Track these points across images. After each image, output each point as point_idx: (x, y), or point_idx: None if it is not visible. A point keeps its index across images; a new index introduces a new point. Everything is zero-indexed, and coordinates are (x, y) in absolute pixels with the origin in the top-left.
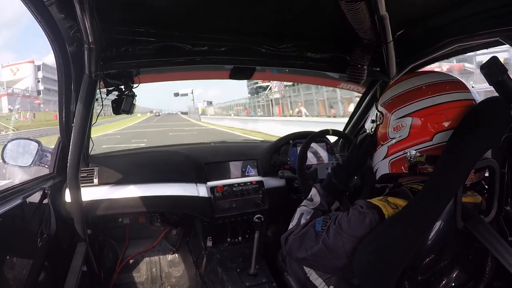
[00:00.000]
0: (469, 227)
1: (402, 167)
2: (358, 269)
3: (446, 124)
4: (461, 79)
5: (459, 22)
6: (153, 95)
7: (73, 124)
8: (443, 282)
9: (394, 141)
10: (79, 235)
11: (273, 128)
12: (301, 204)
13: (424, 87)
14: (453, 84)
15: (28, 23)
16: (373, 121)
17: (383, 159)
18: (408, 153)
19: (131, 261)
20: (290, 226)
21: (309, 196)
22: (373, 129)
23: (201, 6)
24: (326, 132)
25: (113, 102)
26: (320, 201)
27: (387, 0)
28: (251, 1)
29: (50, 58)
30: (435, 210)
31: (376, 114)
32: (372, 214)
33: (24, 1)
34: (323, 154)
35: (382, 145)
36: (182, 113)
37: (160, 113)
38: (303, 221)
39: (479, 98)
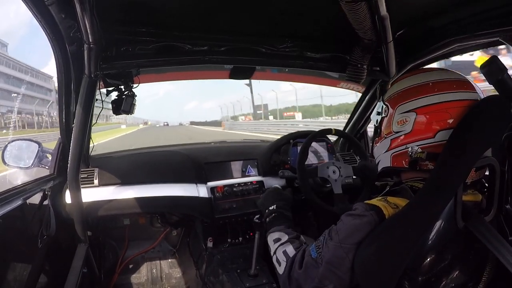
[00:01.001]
0: (470, 227)
1: (403, 161)
2: (359, 270)
3: (450, 122)
4: (468, 79)
5: (459, 22)
6: (148, 104)
7: (73, 125)
8: (444, 282)
9: (397, 135)
10: (79, 236)
11: None
12: (275, 250)
13: (431, 84)
14: (460, 83)
15: (22, 38)
16: (378, 113)
17: (385, 152)
18: (410, 148)
19: (131, 262)
20: (281, 270)
21: (272, 242)
22: (378, 121)
23: (201, 6)
24: (327, 131)
25: (113, 102)
26: (287, 233)
27: (387, 0)
28: (251, 1)
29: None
30: (435, 209)
31: (382, 106)
32: (370, 216)
33: (24, 0)
34: (324, 153)
35: (386, 138)
36: (194, 123)
37: (168, 123)
38: (291, 253)
39: None
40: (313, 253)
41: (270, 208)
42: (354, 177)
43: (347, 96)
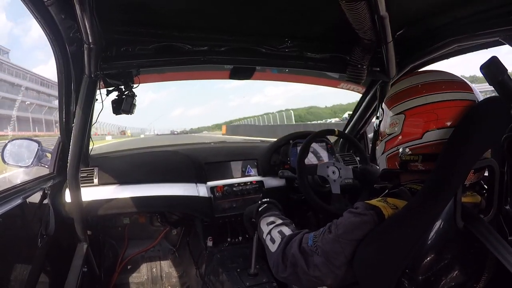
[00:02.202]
0: (469, 227)
1: (396, 163)
2: (358, 269)
3: (437, 123)
4: (464, 79)
5: (459, 22)
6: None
7: (73, 124)
8: (443, 282)
9: (389, 137)
10: (79, 235)
11: None
12: (269, 230)
13: (420, 86)
14: (450, 83)
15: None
16: (377, 117)
17: (382, 154)
18: (400, 149)
19: (131, 261)
20: (274, 247)
21: (266, 225)
22: (377, 125)
23: (201, 6)
24: (330, 132)
25: (113, 102)
26: (282, 219)
27: (387, 0)
28: (251, 1)
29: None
30: (434, 210)
31: (380, 110)
32: (370, 216)
33: (24, 1)
34: (323, 154)
35: (381, 140)
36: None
37: (176, 131)
38: (287, 232)
39: (481, 98)
40: (309, 241)
41: (262, 201)
42: (353, 179)
43: (340, 97)
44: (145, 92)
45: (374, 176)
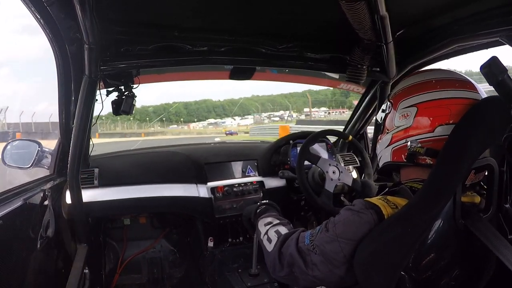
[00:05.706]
0: (469, 226)
1: (403, 155)
2: (358, 269)
3: (449, 118)
4: (472, 80)
5: (459, 22)
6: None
7: (73, 125)
8: (443, 281)
9: (398, 129)
10: (80, 237)
11: None
12: (266, 230)
13: (434, 81)
14: (463, 82)
15: None
16: (383, 111)
17: (386, 146)
18: (409, 142)
19: (132, 262)
20: (271, 247)
21: (263, 225)
22: (382, 118)
23: (201, 6)
24: (340, 135)
25: (113, 102)
26: (279, 219)
27: (387, 0)
28: (251, 2)
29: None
30: (435, 209)
31: (387, 104)
32: (370, 215)
33: (24, 0)
34: (324, 154)
35: (388, 133)
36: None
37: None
38: (283, 231)
39: None
40: (306, 240)
41: (260, 202)
42: (349, 186)
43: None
44: None
45: (372, 191)
